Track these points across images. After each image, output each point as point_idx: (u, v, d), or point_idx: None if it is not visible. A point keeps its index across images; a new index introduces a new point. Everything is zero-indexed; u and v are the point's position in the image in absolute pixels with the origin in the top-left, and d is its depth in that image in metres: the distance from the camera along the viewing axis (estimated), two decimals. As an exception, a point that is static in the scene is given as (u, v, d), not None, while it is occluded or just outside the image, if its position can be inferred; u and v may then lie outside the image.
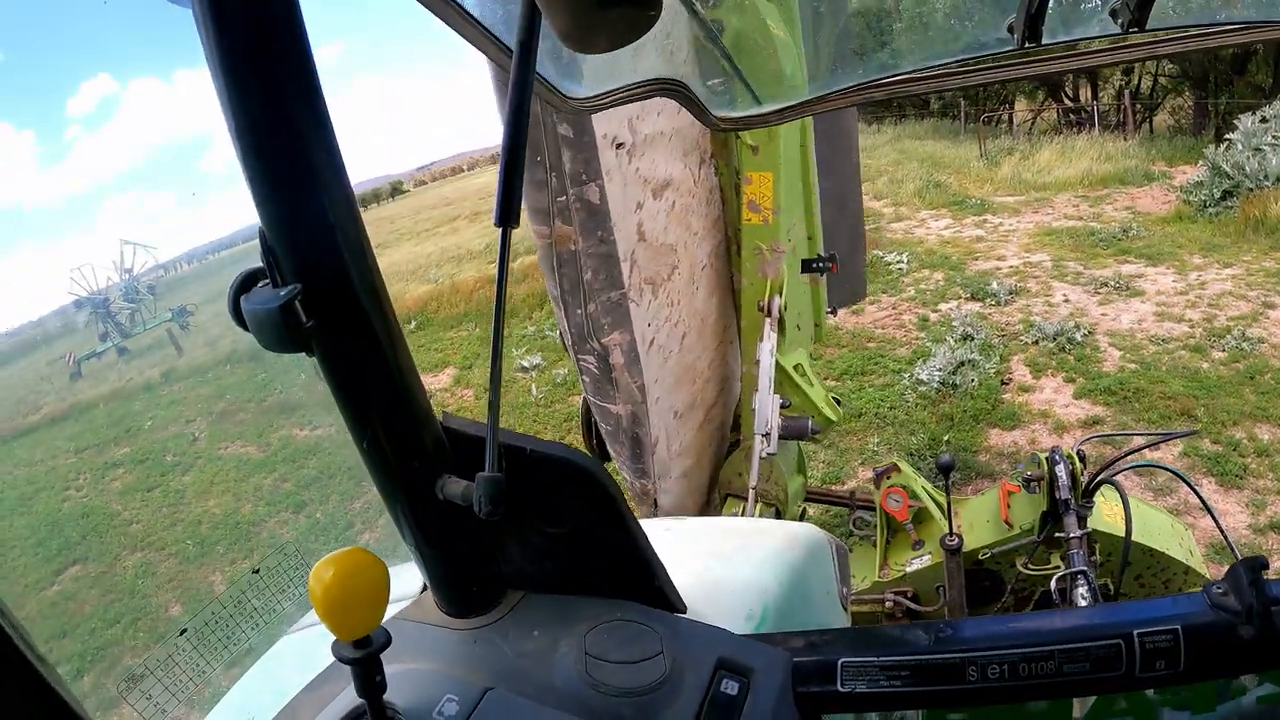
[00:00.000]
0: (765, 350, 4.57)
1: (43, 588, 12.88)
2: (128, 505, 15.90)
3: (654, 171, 4.25)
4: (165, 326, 37.68)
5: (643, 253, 4.20)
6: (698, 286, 4.74)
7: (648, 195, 4.24)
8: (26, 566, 14.04)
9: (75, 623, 11.09)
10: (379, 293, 1.21)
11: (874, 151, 30.21)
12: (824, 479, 8.36)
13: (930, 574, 4.32)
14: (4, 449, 28.14)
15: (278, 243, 1.11)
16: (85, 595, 12.14)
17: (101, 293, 44.52)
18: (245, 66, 0.99)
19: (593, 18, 0.88)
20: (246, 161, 1.05)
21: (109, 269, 47.29)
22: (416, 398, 1.34)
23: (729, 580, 1.86)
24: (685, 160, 4.48)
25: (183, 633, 4.88)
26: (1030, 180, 20.39)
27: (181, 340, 35.74)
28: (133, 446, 20.82)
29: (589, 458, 1.48)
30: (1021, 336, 10.75)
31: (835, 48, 2.30)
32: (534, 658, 1.46)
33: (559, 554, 1.59)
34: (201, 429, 20.43)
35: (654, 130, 4.19)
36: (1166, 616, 1.39)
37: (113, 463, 19.76)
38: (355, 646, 1.15)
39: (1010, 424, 8.64)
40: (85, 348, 40.21)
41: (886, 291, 13.65)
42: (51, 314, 60.67)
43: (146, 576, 11.98)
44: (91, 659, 9.91)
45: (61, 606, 11.86)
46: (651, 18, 0.91)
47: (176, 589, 10.80)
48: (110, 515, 15.63)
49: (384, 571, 1.15)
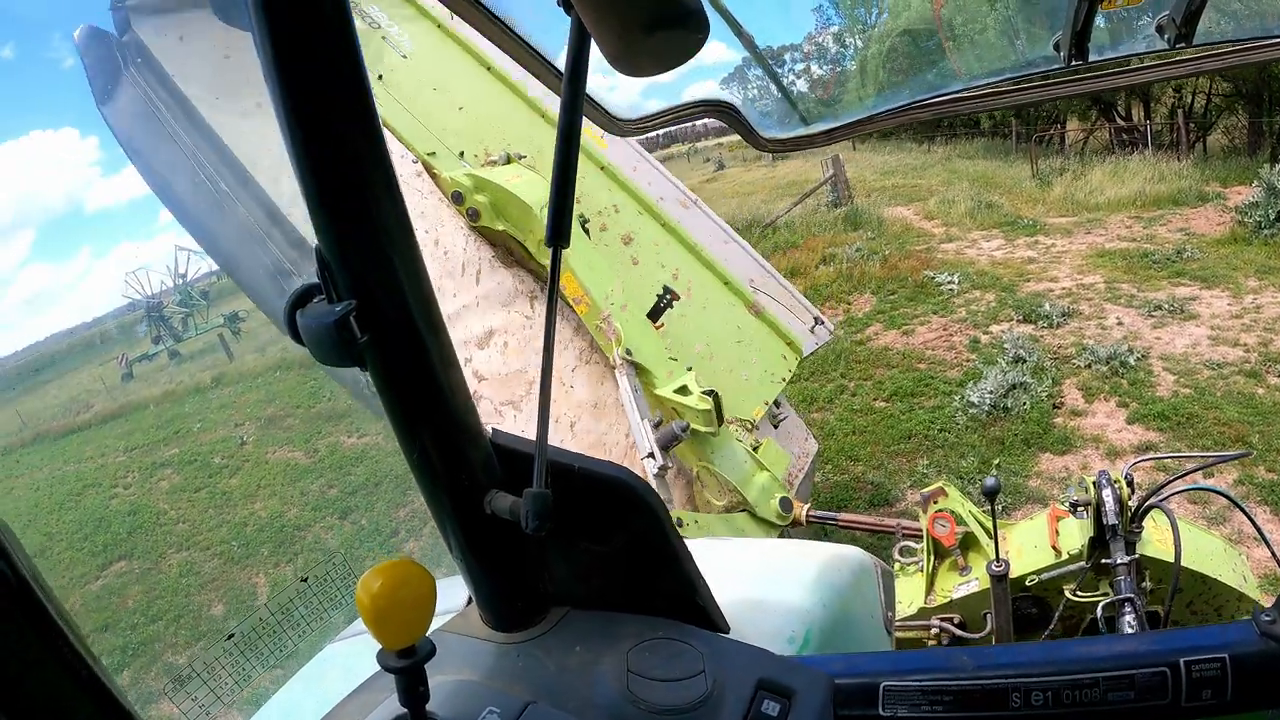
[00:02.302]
0: (624, 390, 5.02)
1: (87, 581, 13.12)
2: (174, 504, 16.15)
3: (470, 333, 5.05)
4: (217, 331, 38.31)
5: (488, 388, 4.87)
6: (572, 386, 5.34)
7: (472, 350, 4.96)
8: (72, 560, 14.29)
9: (118, 617, 11.27)
10: (431, 308, 1.23)
11: (925, 171, 30.08)
12: (872, 500, 8.30)
13: (977, 600, 4.25)
14: (55, 445, 28.69)
15: (333, 259, 1.13)
16: (129, 591, 12.37)
17: (156, 296, 45.40)
18: (304, 90, 1.01)
19: (641, 42, 0.88)
20: (304, 180, 1.07)
21: (163, 274, 48.20)
22: (466, 413, 1.35)
23: (772, 601, 1.85)
24: (508, 309, 5.20)
25: (230, 637, 4.97)
26: (1083, 201, 20.13)
27: (233, 345, 36.32)
28: (181, 448, 21.15)
29: (637, 477, 1.48)
30: (1074, 360, 10.61)
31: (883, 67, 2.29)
32: (576, 673, 1.45)
33: (603, 571, 1.60)
34: (250, 433, 20.70)
35: (458, 306, 4.97)
36: (1214, 645, 1.36)
37: (161, 463, 20.07)
38: (400, 656, 1.17)
39: (1062, 449, 8.53)
40: (138, 350, 41.06)
41: (937, 312, 13.57)
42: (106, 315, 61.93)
43: (190, 575, 12.17)
44: (133, 653, 10.07)
45: (105, 601, 12.07)
46: (699, 41, 0.91)
47: (219, 589, 10.94)
48: (157, 514, 15.88)
49: (431, 583, 1.17)
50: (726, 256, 6.24)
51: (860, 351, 12.60)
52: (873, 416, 10.34)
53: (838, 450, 9.56)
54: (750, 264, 6.37)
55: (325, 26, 0.99)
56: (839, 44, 2.59)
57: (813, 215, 23.01)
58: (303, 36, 0.99)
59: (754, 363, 5.93)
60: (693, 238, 6.17)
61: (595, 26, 0.90)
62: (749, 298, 6.12)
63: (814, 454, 5.96)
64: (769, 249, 20.06)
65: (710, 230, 6.40)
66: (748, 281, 6.17)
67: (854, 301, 15.09)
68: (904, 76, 2.27)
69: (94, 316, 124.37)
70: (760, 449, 5.33)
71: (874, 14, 2.26)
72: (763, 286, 6.26)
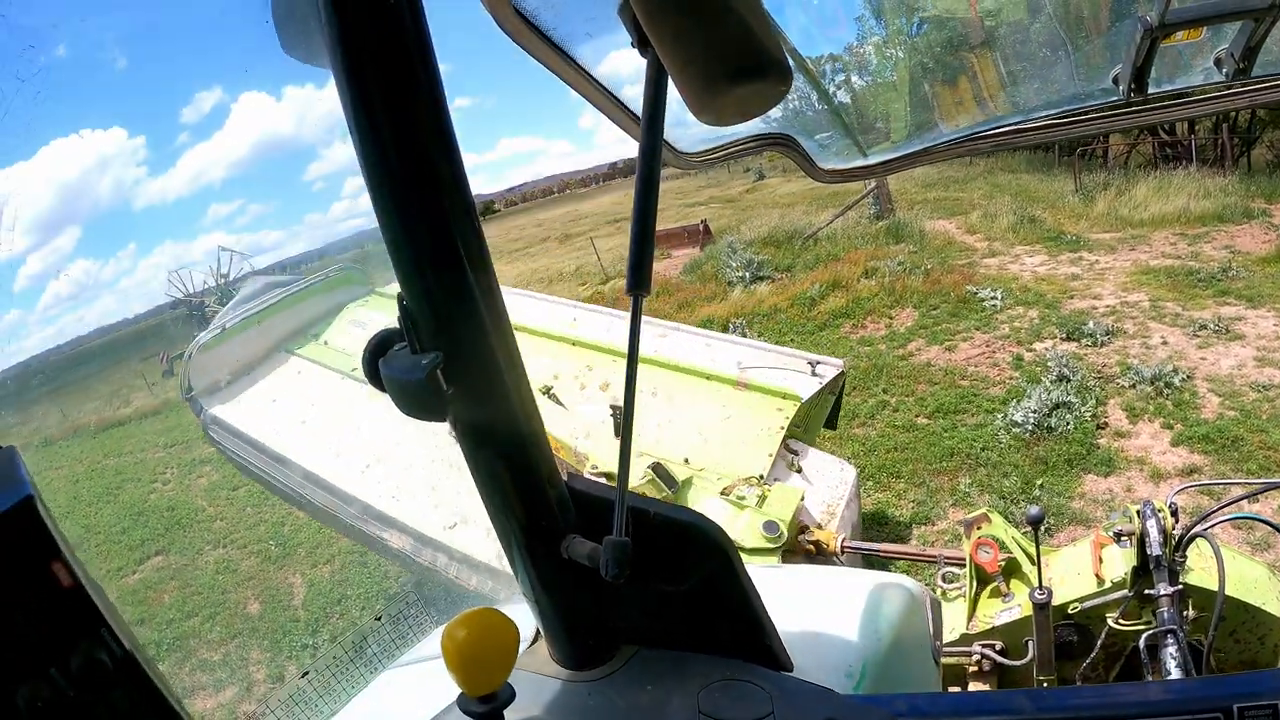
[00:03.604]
0: None
1: (124, 575, 13.24)
2: (212, 502, 16.30)
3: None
4: (257, 332, 38.54)
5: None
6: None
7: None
8: (109, 553, 14.43)
9: (153, 612, 11.37)
10: (515, 359, 1.25)
11: (966, 185, 29.79)
12: (913, 518, 8.26)
13: (1019, 627, 4.22)
14: (95, 439, 29.03)
15: (419, 311, 1.14)
16: (165, 585, 12.49)
17: (197, 296, 45.99)
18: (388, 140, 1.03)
19: (726, 92, 0.88)
20: (388, 231, 1.09)
21: (206, 273, 48.82)
22: (545, 460, 1.37)
23: (830, 634, 1.86)
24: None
25: (305, 675, 5.04)
26: (1126, 216, 19.83)
27: (273, 345, 36.57)
28: (220, 445, 21.31)
29: (709, 520, 1.50)
30: (1118, 379, 10.50)
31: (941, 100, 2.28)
32: (647, 712, 1.47)
33: (674, 611, 1.61)
34: (289, 432, 20.85)
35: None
36: (1268, 690, 1.35)
37: (200, 460, 20.22)
38: (481, 702, 1.19)
39: (1105, 470, 8.46)
40: (178, 347, 41.55)
41: (980, 328, 13.46)
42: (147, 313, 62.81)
43: (227, 572, 12.26)
44: (168, 648, 10.14)
45: (141, 595, 12.17)
46: (782, 92, 0.91)
47: (256, 587, 11.01)
48: (195, 510, 16.05)
49: (515, 633, 1.19)
50: (712, 356, 7.03)
51: (902, 367, 12.54)
52: (914, 433, 10.29)
53: (878, 467, 9.53)
54: (739, 350, 7.14)
55: (411, 79, 1.01)
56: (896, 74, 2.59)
57: (854, 227, 22.88)
58: (387, 87, 1.00)
59: (747, 428, 6.33)
60: (669, 358, 7.05)
61: (679, 76, 0.90)
62: (733, 379, 6.72)
63: (853, 480, 6.04)
64: (810, 261, 20.00)
65: (691, 341, 7.37)
66: (735, 365, 6.81)
67: (896, 316, 14.99)
68: (962, 109, 2.26)
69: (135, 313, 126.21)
70: (765, 496, 5.54)
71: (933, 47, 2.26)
72: (753, 363, 6.86)
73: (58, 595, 0.72)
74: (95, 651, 0.74)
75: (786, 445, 6.25)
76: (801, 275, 18.97)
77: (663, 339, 7.32)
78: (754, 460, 6.00)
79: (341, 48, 0.98)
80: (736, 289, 19.48)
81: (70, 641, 0.73)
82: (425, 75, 1.02)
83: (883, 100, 2.51)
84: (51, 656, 0.72)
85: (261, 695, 8.45)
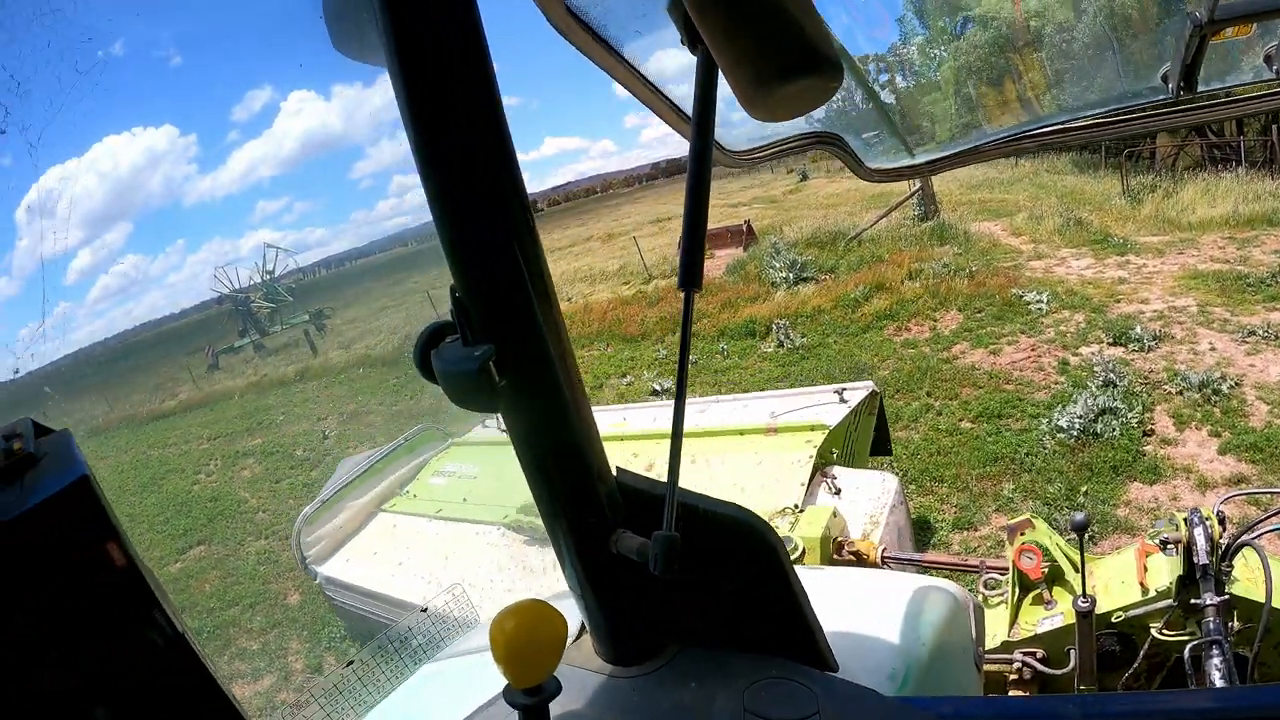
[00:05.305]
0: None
1: (166, 563, 13.44)
2: (255, 493, 16.51)
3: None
4: (302, 327, 39.19)
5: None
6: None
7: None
8: (152, 542, 14.65)
9: (195, 600, 11.55)
10: (566, 352, 1.26)
11: (1012, 186, 29.49)
12: (955, 523, 8.20)
13: (1061, 635, 4.17)
14: (140, 430, 29.51)
15: (471, 303, 1.16)
16: (207, 575, 12.72)
17: (243, 291, 46.73)
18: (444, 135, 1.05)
19: (778, 88, 0.88)
20: (442, 225, 1.10)
21: (251, 270, 49.67)
22: (595, 454, 1.38)
23: (874, 636, 1.85)
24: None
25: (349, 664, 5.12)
26: (1174, 219, 19.46)
27: (317, 341, 37.10)
28: (264, 439, 21.62)
29: (758, 517, 1.50)
30: (1165, 385, 10.33)
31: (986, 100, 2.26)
32: (691, 711, 1.47)
33: (721, 608, 1.61)
34: (332, 427, 21.09)
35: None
36: None
37: (244, 452, 20.54)
38: (527, 694, 1.19)
39: (1151, 478, 8.33)
40: (224, 342, 42.20)
41: (1025, 332, 13.33)
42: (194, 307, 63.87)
43: (268, 563, 12.43)
44: (208, 636, 10.28)
45: (183, 583, 12.36)
46: (833, 88, 0.91)
47: (296, 579, 11.10)
48: (238, 502, 16.26)
49: (563, 626, 1.19)
50: (747, 415, 7.32)
51: (946, 370, 12.47)
52: (958, 437, 10.22)
53: (921, 471, 9.48)
54: (771, 402, 7.42)
55: (465, 74, 1.03)
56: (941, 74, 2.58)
57: (899, 229, 22.74)
58: (442, 83, 1.02)
59: (780, 466, 6.44)
60: (708, 426, 7.35)
61: (730, 73, 0.91)
62: (763, 428, 6.95)
63: (895, 488, 6.04)
64: (854, 262, 19.91)
65: (729, 408, 7.73)
66: (768, 415, 7.03)
67: (940, 318, 14.91)
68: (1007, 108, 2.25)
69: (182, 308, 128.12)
70: (797, 521, 5.56)
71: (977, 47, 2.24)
72: (784, 409, 7.10)
73: (112, 575, 0.73)
74: (147, 632, 0.76)
75: (823, 472, 6.29)
76: (845, 276, 18.93)
77: (702, 414, 7.68)
78: (788, 493, 6.08)
79: (396, 43, 0.99)
80: (780, 290, 19.49)
81: (123, 621, 0.75)
82: (478, 67, 1.03)
83: (928, 100, 2.50)
84: (105, 635, 0.74)
85: (299, 685, 8.57)
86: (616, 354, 18.45)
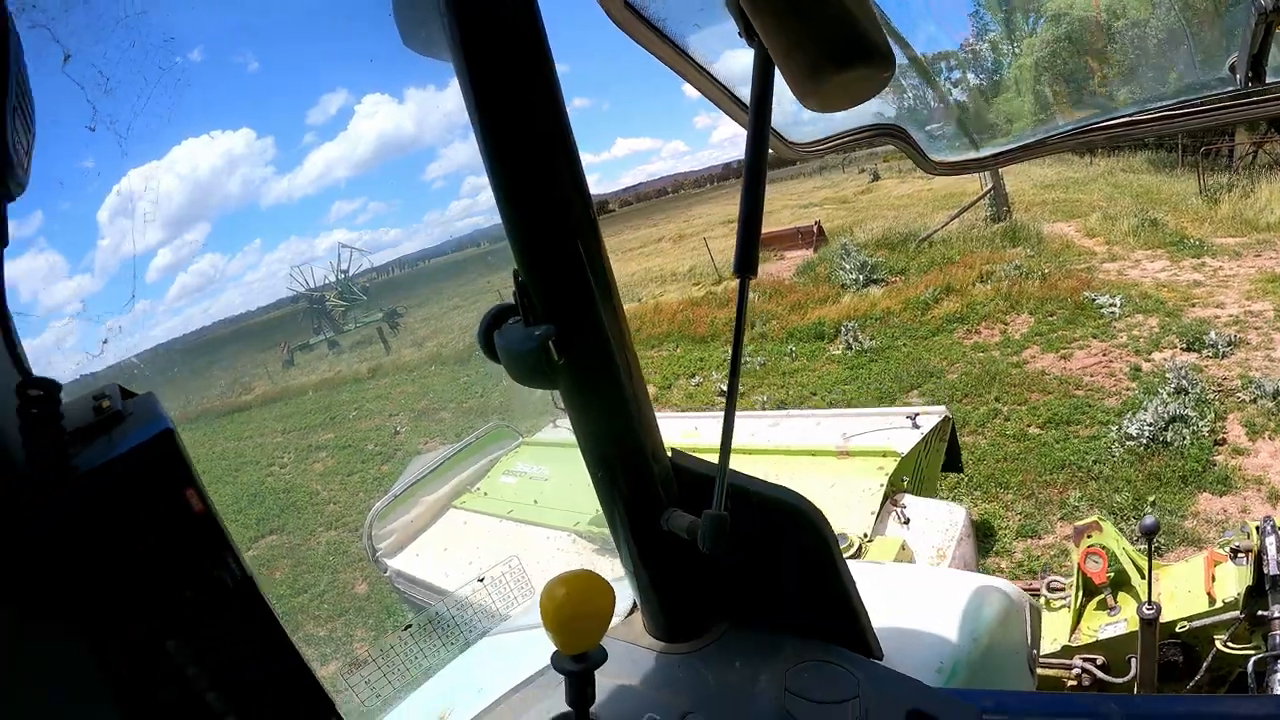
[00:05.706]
0: None
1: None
2: (327, 486, 16.77)
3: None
4: (375, 326, 39.80)
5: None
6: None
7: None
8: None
9: (266, 587, 11.68)
10: (624, 334, 1.31)
11: (1086, 186, 28.86)
12: (1019, 530, 8.09)
13: (1123, 642, 4.10)
14: (217, 423, 30.19)
15: (532, 285, 1.21)
16: (278, 563, 13.02)
17: (318, 290, 47.66)
18: (504, 119, 1.09)
19: (831, 78, 0.90)
20: (504, 208, 1.15)
21: (326, 269, 50.66)
22: (651, 434, 1.42)
23: (923, 630, 1.86)
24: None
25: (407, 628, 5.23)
26: (1251, 220, 18.81)
27: (390, 340, 37.65)
28: (336, 433, 21.99)
29: (807, 500, 1.52)
30: (1239, 393, 10.04)
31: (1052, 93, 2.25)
32: (734, 688, 1.50)
33: (768, 590, 1.64)
34: (403, 423, 21.39)
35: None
36: None
37: (316, 446, 20.90)
38: (574, 660, 1.25)
39: (1222, 489, 8.12)
40: (299, 339, 43.02)
41: (1097, 336, 13.07)
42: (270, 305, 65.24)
43: (337, 554, 12.65)
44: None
45: (254, 570, 12.64)
46: (885, 78, 0.93)
47: (365, 569, 11.27)
48: (310, 493, 16.53)
49: (611, 596, 1.25)
50: (820, 434, 7.28)
51: (1015, 374, 12.29)
52: (1025, 443, 10.07)
53: (986, 477, 9.37)
54: (844, 422, 7.32)
55: (524, 58, 1.07)
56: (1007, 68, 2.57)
57: (970, 230, 22.42)
58: (503, 68, 1.07)
59: (850, 492, 6.40)
60: (780, 444, 7.33)
61: (784, 62, 0.93)
62: (835, 450, 6.93)
63: (963, 521, 5.98)
64: (925, 264, 19.68)
65: (801, 424, 7.68)
66: (840, 436, 6.99)
67: (1011, 322, 14.69)
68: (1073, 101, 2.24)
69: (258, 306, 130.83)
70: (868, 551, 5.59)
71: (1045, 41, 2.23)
72: (856, 430, 7.04)
73: (191, 519, 0.80)
74: (219, 572, 0.83)
75: (893, 500, 6.26)
76: (915, 279, 18.73)
77: (774, 428, 7.67)
78: (859, 521, 6.03)
79: (460, 33, 1.05)
80: (849, 292, 19.34)
81: (199, 562, 0.81)
82: (539, 60, 1.08)
83: (994, 93, 2.49)
84: (183, 574, 0.80)
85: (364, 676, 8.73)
86: (686, 354, 18.39)
